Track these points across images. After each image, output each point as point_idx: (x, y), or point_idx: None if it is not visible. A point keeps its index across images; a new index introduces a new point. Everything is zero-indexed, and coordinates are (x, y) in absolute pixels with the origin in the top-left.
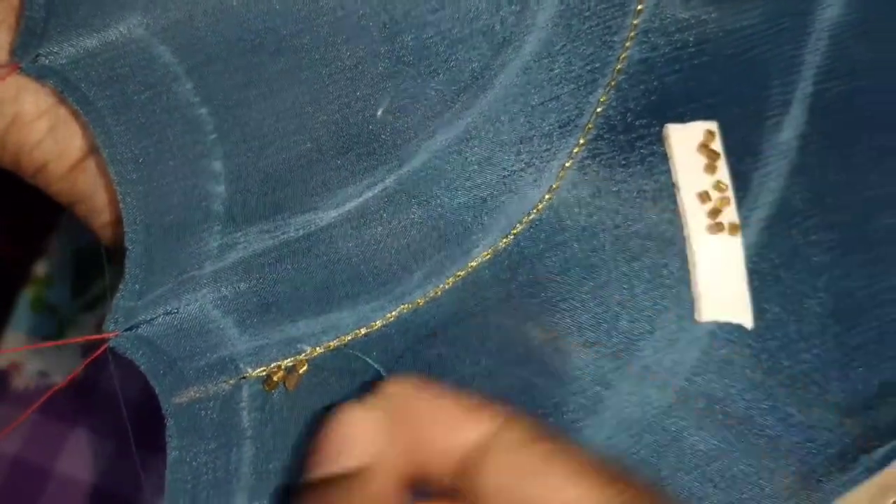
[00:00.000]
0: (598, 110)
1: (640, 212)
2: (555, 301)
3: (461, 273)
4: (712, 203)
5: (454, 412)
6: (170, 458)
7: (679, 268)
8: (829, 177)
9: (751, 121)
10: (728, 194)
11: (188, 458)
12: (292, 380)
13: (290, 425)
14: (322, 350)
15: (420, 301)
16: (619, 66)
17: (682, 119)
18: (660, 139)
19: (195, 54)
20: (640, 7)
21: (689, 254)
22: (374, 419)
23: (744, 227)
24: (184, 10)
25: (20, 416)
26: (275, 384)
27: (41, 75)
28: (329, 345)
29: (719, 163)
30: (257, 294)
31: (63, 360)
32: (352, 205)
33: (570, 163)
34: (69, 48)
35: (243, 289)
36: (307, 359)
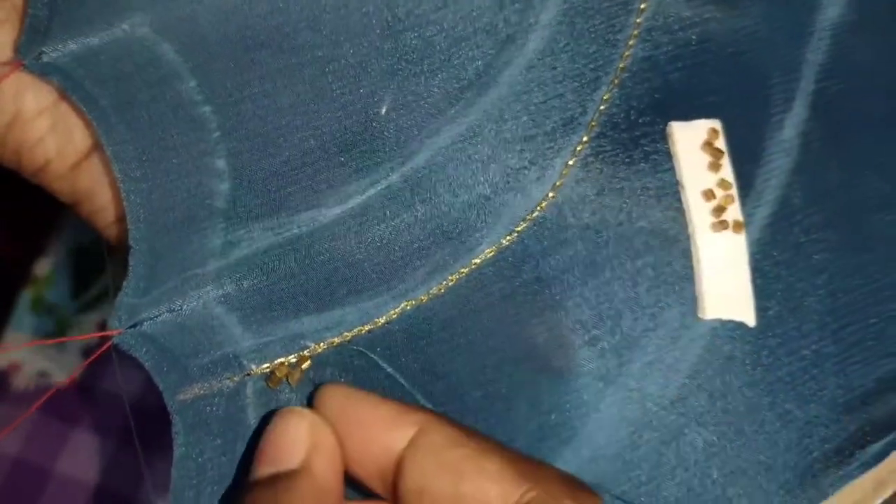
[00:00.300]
0: (601, 108)
1: (644, 209)
2: (558, 298)
3: (464, 270)
4: (716, 201)
5: (382, 418)
6: (176, 454)
7: (683, 265)
8: (830, 175)
9: (754, 119)
10: (732, 192)
11: (194, 455)
12: (295, 376)
13: None
14: (325, 346)
15: (423, 298)
16: (623, 64)
17: (685, 117)
18: (663, 137)
19: (198, 52)
20: (643, 5)
21: (692, 251)
22: (310, 423)
23: (747, 225)
24: (187, 8)
25: (20, 416)
26: (278, 380)
27: (45, 73)
28: (332, 341)
29: (723, 161)
30: (261, 291)
31: (63, 361)
32: (355, 202)
33: (573, 161)
34: (72, 46)
35: (247, 286)
36: (311, 355)
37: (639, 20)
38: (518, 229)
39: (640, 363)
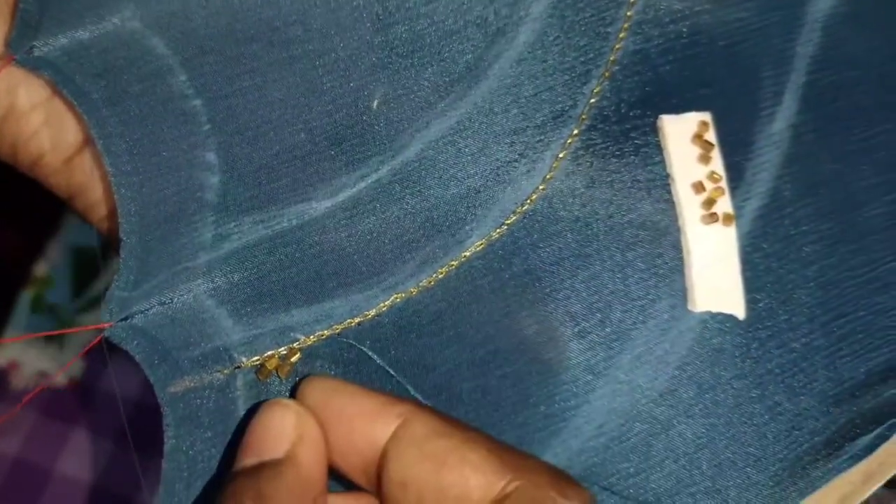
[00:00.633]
0: (591, 101)
1: (635, 202)
2: (548, 291)
3: (454, 263)
4: (706, 193)
5: (366, 410)
6: (167, 446)
7: (673, 258)
8: (820, 167)
9: (744, 111)
10: (722, 185)
11: (184, 447)
12: (285, 368)
13: None
14: (315, 339)
15: (413, 290)
16: (614, 57)
17: (676, 110)
18: (654, 130)
19: (189, 46)
20: None
21: (683, 244)
22: (295, 414)
23: (737, 218)
24: (177, 2)
25: (20, 416)
26: (268, 373)
27: (36, 67)
28: (322, 334)
29: (713, 153)
30: (251, 284)
31: (62, 360)
32: (345, 195)
33: (563, 153)
34: (63, 40)
35: (237, 279)
36: (301, 348)
37: (629, 13)
38: (508, 222)
39: (630, 355)
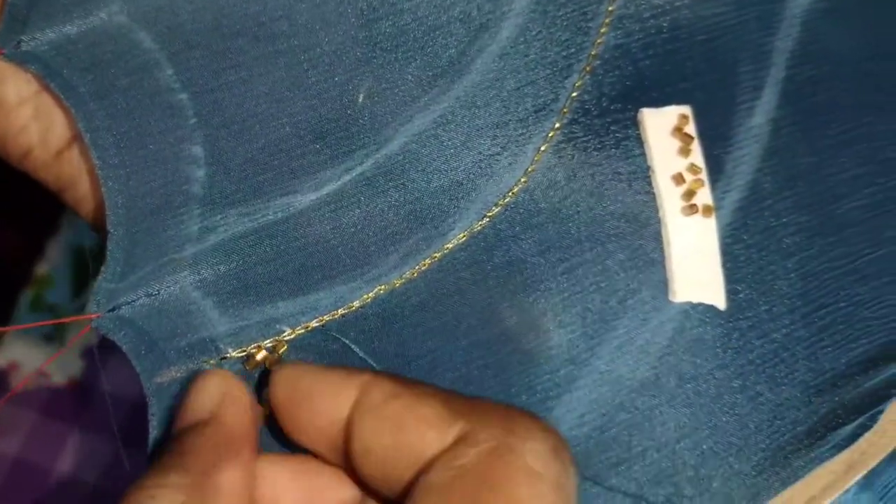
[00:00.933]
0: (573, 95)
1: (616, 194)
2: (530, 282)
3: (437, 255)
4: (686, 185)
5: (326, 387)
6: (151, 436)
7: (653, 249)
8: (800, 160)
9: (724, 105)
10: (702, 177)
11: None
12: (271, 360)
13: None
14: (301, 330)
15: (396, 282)
16: (595, 51)
17: (656, 104)
18: (634, 123)
19: (176, 40)
20: None
21: (663, 235)
22: (219, 377)
23: (717, 210)
24: None
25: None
26: (255, 364)
27: (23, 61)
28: (308, 325)
29: (693, 146)
30: (237, 276)
31: (62, 360)
32: (330, 188)
33: (545, 146)
34: (51, 34)
35: (223, 271)
36: (286, 339)
37: (611, 8)
38: (490, 214)
39: (611, 346)
